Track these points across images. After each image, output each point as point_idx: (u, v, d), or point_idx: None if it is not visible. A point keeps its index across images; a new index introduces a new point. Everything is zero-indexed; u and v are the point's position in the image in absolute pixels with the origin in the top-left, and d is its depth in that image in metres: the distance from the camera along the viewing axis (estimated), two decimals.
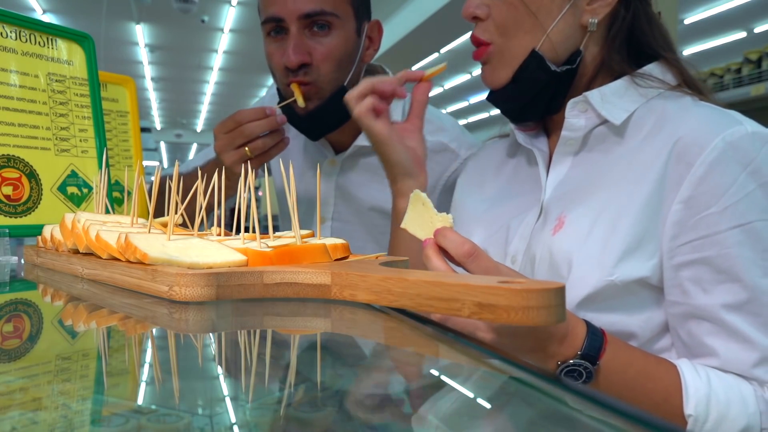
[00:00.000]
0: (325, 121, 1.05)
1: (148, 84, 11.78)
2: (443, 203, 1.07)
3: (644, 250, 0.67)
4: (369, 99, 0.81)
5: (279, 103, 1.07)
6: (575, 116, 0.75)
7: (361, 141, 1.12)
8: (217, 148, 1.01)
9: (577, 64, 0.74)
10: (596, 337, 0.62)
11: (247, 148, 0.99)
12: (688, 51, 8.97)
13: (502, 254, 0.79)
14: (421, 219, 0.55)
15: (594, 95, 0.73)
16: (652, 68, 0.74)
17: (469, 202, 0.91)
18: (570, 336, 0.59)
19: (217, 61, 10.18)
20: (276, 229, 0.64)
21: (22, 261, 0.79)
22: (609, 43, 0.75)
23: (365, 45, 1.08)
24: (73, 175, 0.89)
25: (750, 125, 0.66)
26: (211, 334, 0.41)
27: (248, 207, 0.56)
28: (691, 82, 0.75)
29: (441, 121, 1.13)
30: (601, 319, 0.67)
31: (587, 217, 0.70)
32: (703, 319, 0.65)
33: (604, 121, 0.74)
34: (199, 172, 0.61)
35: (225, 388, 0.31)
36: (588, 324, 0.64)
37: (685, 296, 0.66)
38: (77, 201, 0.89)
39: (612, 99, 0.73)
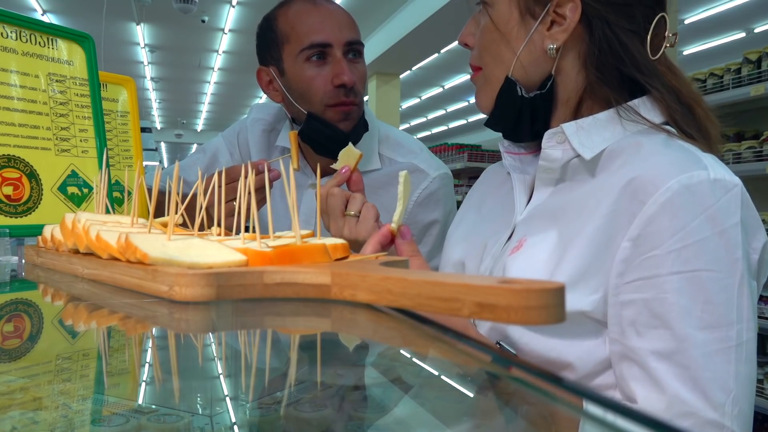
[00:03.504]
0: (357, 137, 1.17)
1: (148, 84, 11.79)
2: (417, 215, 1.20)
3: (587, 284, 0.66)
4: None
5: (302, 129, 1.15)
6: (552, 147, 0.74)
7: None
8: (207, 203, 1.03)
9: (547, 89, 0.74)
10: None
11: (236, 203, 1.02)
12: (688, 51, 8.97)
13: (476, 271, 0.81)
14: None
15: (570, 127, 0.73)
16: (640, 103, 0.73)
17: (464, 220, 0.93)
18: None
19: (217, 61, 10.19)
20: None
21: (23, 261, 0.79)
22: (586, 68, 0.74)
23: None
24: (74, 175, 0.89)
25: (715, 172, 0.64)
26: (211, 334, 0.41)
27: (248, 207, 0.55)
28: (678, 120, 0.73)
29: (410, 146, 1.27)
30: (538, 344, 0.67)
31: (542, 245, 0.70)
32: (634, 363, 0.64)
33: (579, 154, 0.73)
34: (199, 172, 0.61)
35: (225, 388, 0.31)
36: (501, 347, 0.65)
37: (622, 336, 0.65)
38: (77, 201, 0.89)
39: (589, 131, 0.72)
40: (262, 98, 12.76)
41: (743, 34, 8.25)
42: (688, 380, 0.61)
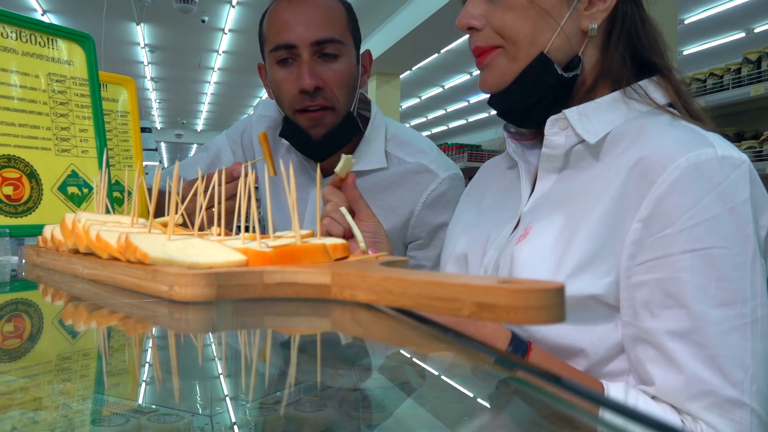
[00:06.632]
0: (335, 143, 1.11)
1: (148, 84, 11.79)
2: (426, 218, 1.16)
3: (598, 268, 0.65)
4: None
5: (281, 132, 1.13)
6: (555, 134, 0.74)
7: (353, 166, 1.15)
8: (187, 210, 1.01)
9: (580, 69, 0.73)
10: (517, 350, 0.62)
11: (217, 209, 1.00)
12: (688, 51, 8.97)
13: (479, 263, 0.80)
14: None
15: (572, 113, 0.72)
16: (646, 84, 0.73)
17: (465, 214, 0.93)
18: (487, 343, 0.59)
19: (217, 61, 10.19)
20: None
21: (23, 261, 0.79)
22: (611, 48, 0.74)
23: (360, 72, 1.15)
24: (74, 175, 0.89)
25: (722, 149, 0.64)
26: (211, 334, 0.41)
27: (248, 207, 0.55)
28: (683, 102, 0.73)
29: (420, 145, 1.21)
30: (551, 331, 0.66)
31: (550, 230, 0.69)
32: (649, 344, 0.63)
33: (583, 140, 0.72)
34: (199, 172, 0.61)
35: (225, 388, 0.31)
36: (514, 335, 0.63)
37: (635, 318, 0.64)
38: (77, 201, 0.89)
39: (592, 116, 0.72)
40: (263, 97, 12.75)
41: (743, 34, 8.25)
42: (706, 359, 0.60)
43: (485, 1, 0.75)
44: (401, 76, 9.07)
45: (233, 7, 7.59)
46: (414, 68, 9.13)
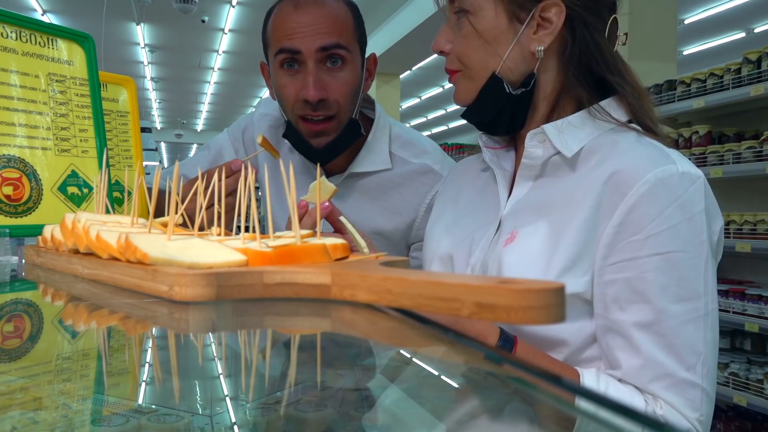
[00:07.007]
0: (336, 151, 1.10)
1: (148, 84, 11.79)
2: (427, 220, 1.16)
3: (579, 268, 0.74)
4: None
5: (284, 134, 1.12)
6: (534, 146, 0.81)
7: (357, 167, 1.15)
8: (187, 210, 0.97)
9: (531, 86, 0.80)
10: (505, 344, 0.70)
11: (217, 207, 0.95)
12: (688, 51, 8.97)
13: (465, 263, 0.86)
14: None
15: (551, 128, 0.79)
16: (608, 103, 0.80)
17: (444, 215, 0.98)
18: (479, 339, 0.64)
19: (217, 61, 10.19)
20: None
21: (23, 261, 0.79)
22: (564, 68, 0.81)
23: (365, 77, 1.14)
24: (74, 175, 0.89)
25: (682, 166, 0.72)
26: (211, 334, 0.41)
27: (248, 207, 0.55)
28: (639, 118, 0.80)
29: (423, 145, 1.22)
30: (537, 326, 0.73)
31: (536, 235, 0.77)
32: (618, 334, 0.72)
33: (559, 152, 0.80)
34: (199, 172, 0.61)
35: (225, 388, 0.31)
36: (502, 332, 0.71)
37: (606, 311, 0.73)
38: (77, 201, 0.89)
39: (567, 131, 0.79)
40: (263, 97, 12.74)
41: (743, 34, 8.25)
42: (665, 347, 0.70)
43: (451, 30, 0.84)
44: (401, 76, 9.07)
45: (233, 7, 7.59)
46: (414, 68, 9.13)
